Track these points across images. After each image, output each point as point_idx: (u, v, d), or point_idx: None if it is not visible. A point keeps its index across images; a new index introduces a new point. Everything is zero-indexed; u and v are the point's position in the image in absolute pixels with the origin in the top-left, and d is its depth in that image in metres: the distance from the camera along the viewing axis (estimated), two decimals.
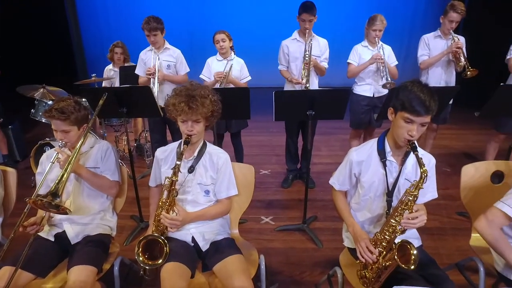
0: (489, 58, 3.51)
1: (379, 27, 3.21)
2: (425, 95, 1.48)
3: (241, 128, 3.45)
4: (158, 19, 3.14)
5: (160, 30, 3.16)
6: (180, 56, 3.33)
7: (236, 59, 3.27)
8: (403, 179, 1.67)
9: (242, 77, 3.25)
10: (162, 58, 3.27)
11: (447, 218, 3.12)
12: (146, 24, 3.11)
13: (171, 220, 1.67)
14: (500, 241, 1.60)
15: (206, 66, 3.28)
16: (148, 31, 3.13)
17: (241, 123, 3.39)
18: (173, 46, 3.35)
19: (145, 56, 3.30)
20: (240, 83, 3.20)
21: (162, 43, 3.25)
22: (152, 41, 3.19)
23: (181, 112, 1.69)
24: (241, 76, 3.25)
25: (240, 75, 3.25)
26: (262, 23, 7.11)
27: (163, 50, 3.27)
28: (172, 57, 3.30)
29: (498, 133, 3.48)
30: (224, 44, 3.13)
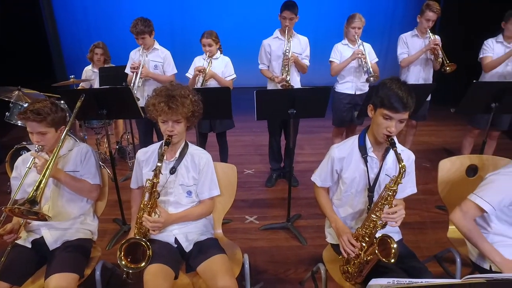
0: (465, 57, 3.62)
1: (358, 25, 3.26)
2: (403, 92, 1.52)
3: (226, 129, 3.44)
4: (146, 22, 3.10)
5: (148, 33, 3.13)
6: (168, 57, 3.30)
7: (222, 57, 3.26)
8: (383, 175, 1.70)
9: (226, 75, 3.24)
10: (150, 58, 3.24)
11: (427, 212, 3.20)
12: (133, 27, 3.09)
13: (153, 223, 1.65)
14: (473, 232, 1.65)
15: (192, 64, 3.27)
16: (136, 34, 3.11)
17: (226, 123, 3.38)
18: (163, 47, 3.32)
19: (135, 55, 3.28)
20: (222, 78, 3.19)
21: (151, 43, 3.22)
22: (140, 44, 3.18)
23: (161, 112, 1.68)
24: (225, 73, 3.24)
25: (225, 73, 3.24)
26: (245, 24, 7.10)
27: (151, 50, 3.24)
28: (160, 58, 3.27)
29: (473, 129, 3.60)
30: (211, 49, 3.13)
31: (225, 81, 3.20)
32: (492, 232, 1.72)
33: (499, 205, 1.61)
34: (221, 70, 3.20)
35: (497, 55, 3.27)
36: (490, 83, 3.11)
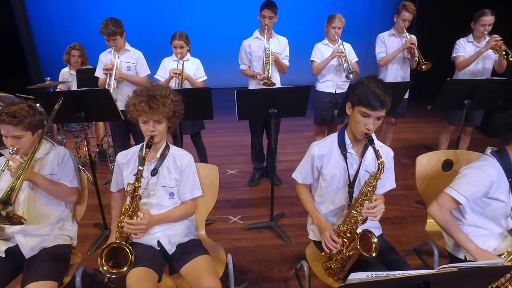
0: (442, 55, 3.72)
1: (338, 25, 3.31)
2: (380, 90, 1.55)
3: (197, 130, 3.42)
4: (117, 22, 3.02)
5: (120, 34, 3.05)
6: (140, 58, 3.25)
7: (192, 59, 3.25)
8: (363, 171, 1.73)
9: (198, 77, 3.23)
10: (122, 59, 3.17)
11: (407, 207, 3.27)
12: (104, 28, 2.99)
13: (135, 226, 1.63)
14: (449, 223, 1.71)
15: (162, 66, 3.23)
16: (107, 35, 3.01)
17: (197, 124, 3.36)
18: (134, 48, 3.26)
19: (105, 57, 3.19)
20: (196, 81, 3.18)
21: (122, 45, 3.15)
22: (111, 45, 3.09)
23: (141, 112, 1.66)
24: (197, 75, 3.23)
25: (196, 74, 3.23)
26: (224, 24, 7.10)
27: (123, 51, 3.17)
28: (133, 59, 3.21)
29: (449, 125, 3.71)
30: (182, 50, 3.10)
31: (197, 82, 3.19)
32: (467, 223, 1.78)
33: (472, 197, 1.67)
34: (192, 72, 3.19)
35: (468, 54, 3.39)
36: (462, 81, 3.22)
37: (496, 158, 1.68)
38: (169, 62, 3.22)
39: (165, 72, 3.19)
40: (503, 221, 1.74)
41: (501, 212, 1.71)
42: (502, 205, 1.68)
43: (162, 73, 3.21)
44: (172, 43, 3.13)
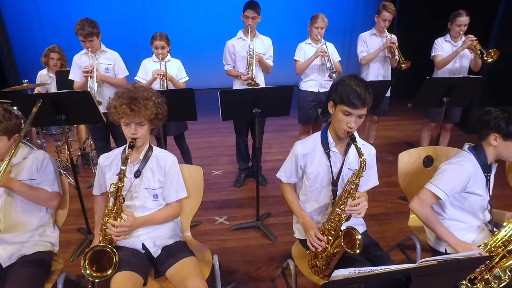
0: (422, 54, 3.81)
1: (321, 25, 3.35)
2: (361, 88, 1.57)
3: (180, 131, 3.39)
4: (93, 23, 2.94)
5: (96, 35, 2.97)
6: (118, 59, 3.18)
7: (173, 60, 3.22)
8: (346, 169, 1.75)
9: (180, 77, 3.21)
10: (99, 61, 3.10)
11: (391, 203, 3.33)
12: (80, 29, 2.89)
13: (118, 228, 1.61)
14: (430, 218, 1.76)
15: (142, 68, 3.18)
16: (84, 37, 2.92)
17: (181, 126, 3.34)
18: (110, 49, 3.20)
19: (80, 60, 3.09)
20: (179, 82, 3.16)
21: (98, 46, 3.08)
22: (87, 47, 2.99)
23: (123, 114, 1.64)
24: (179, 76, 3.21)
25: (178, 75, 3.20)
26: (208, 24, 7.06)
27: (99, 53, 3.09)
28: (110, 60, 3.14)
29: (429, 122, 3.81)
30: (163, 51, 3.07)
31: (180, 83, 3.17)
32: (447, 217, 1.83)
33: (451, 192, 1.72)
34: (174, 73, 3.17)
35: (446, 53, 3.49)
36: (441, 79, 3.31)
37: (472, 153, 1.74)
38: (150, 63, 3.18)
39: (146, 73, 3.15)
40: (480, 214, 1.80)
41: (479, 205, 1.76)
42: (479, 199, 1.74)
43: (143, 74, 3.17)
44: (152, 44, 3.10)
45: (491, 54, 3.23)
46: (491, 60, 3.24)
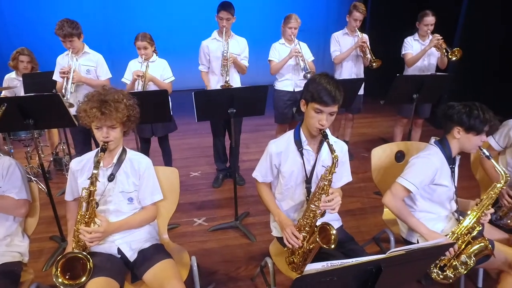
0: (394, 52, 3.93)
1: (294, 25, 3.39)
2: (331, 86, 1.60)
3: (168, 132, 3.36)
4: (74, 24, 2.87)
5: (77, 36, 2.90)
6: (101, 61, 3.12)
7: (159, 60, 3.18)
8: (319, 166, 1.78)
9: (165, 78, 3.17)
10: (81, 62, 3.03)
11: (367, 198, 3.41)
12: (59, 30, 2.83)
13: (91, 234, 1.57)
14: (402, 210, 1.82)
15: (128, 69, 3.15)
16: (63, 37, 2.86)
17: (168, 126, 3.31)
18: (94, 51, 3.13)
19: (63, 60, 3.02)
20: (161, 82, 3.12)
21: (80, 47, 3.01)
22: (68, 47, 2.94)
23: (93, 118, 1.61)
24: (164, 76, 3.17)
25: (163, 76, 3.16)
26: (183, 25, 6.98)
27: (81, 54, 3.02)
28: (92, 62, 3.07)
29: (402, 118, 3.93)
30: (146, 52, 3.03)
31: (164, 84, 3.13)
32: (418, 209, 1.90)
33: (421, 184, 1.79)
34: (159, 73, 3.13)
35: (415, 52, 3.63)
36: (410, 76, 3.43)
37: (438, 147, 1.82)
38: (134, 64, 3.13)
39: (130, 74, 3.10)
40: (447, 205, 1.89)
41: (446, 196, 1.85)
42: (446, 190, 1.82)
43: (128, 75, 3.12)
44: (135, 44, 3.05)
45: (455, 53, 3.38)
46: (455, 58, 3.39)
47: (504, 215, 2.05)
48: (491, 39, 4.78)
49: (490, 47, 4.80)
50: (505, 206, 2.03)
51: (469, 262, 1.67)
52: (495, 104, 2.31)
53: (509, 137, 2.09)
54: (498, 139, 2.15)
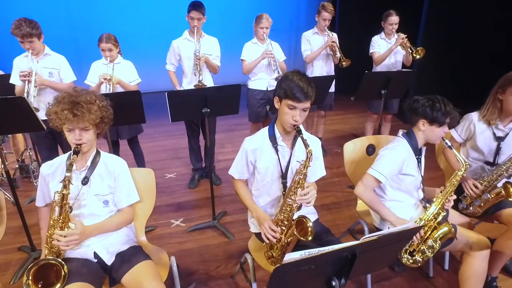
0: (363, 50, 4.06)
1: (265, 25, 3.44)
2: (303, 83, 1.65)
3: (135, 134, 3.31)
4: (33, 23, 2.73)
5: (37, 36, 2.76)
6: (64, 63, 3.00)
7: (124, 61, 3.12)
8: (294, 161, 1.82)
9: (131, 80, 3.12)
10: (42, 64, 2.89)
11: (341, 192, 3.51)
12: (16, 29, 2.68)
13: (67, 237, 1.53)
14: (374, 200, 1.91)
15: (91, 71, 3.06)
16: (21, 37, 2.71)
17: (134, 128, 3.25)
18: (55, 52, 3.02)
19: (21, 62, 2.86)
20: (129, 85, 3.07)
21: (41, 48, 2.87)
22: (27, 48, 2.79)
23: (65, 120, 1.57)
24: (130, 78, 3.11)
25: (130, 78, 3.11)
26: (153, 25, 6.85)
27: (42, 56, 2.89)
28: (55, 64, 2.94)
29: (372, 114, 4.08)
30: (111, 53, 2.96)
31: (131, 86, 3.08)
32: (388, 198, 2.00)
33: (390, 174, 1.88)
34: (125, 76, 3.06)
35: (382, 50, 3.78)
36: (377, 73, 3.57)
37: (405, 139, 1.92)
38: (99, 66, 3.04)
39: (95, 76, 3.02)
40: (415, 193, 1.99)
41: (413, 185, 1.95)
42: (413, 179, 1.92)
43: (92, 78, 3.04)
44: (99, 46, 2.97)
45: (419, 52, 3.55)
46: (419, 56, 3.56)
47: (469, 204, 2.17)
48: (452, 37, 5.04)
49: (451, 44, 5.06)
50: (470, 196, 2.14)
51: (435, 245, 1.78)
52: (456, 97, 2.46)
53: (470, 130, 2.22)
54: (460, 132, 2.27)
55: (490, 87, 2.18)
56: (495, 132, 2.15)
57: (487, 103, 2.14)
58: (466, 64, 4.94)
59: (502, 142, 2.14)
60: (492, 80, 2.22)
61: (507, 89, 2.02)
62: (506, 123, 2.13)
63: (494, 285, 2.12)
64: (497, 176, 2.08)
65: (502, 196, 2.02)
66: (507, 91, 2.02)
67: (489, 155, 2.20)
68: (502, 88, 2.05)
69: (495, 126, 2.14)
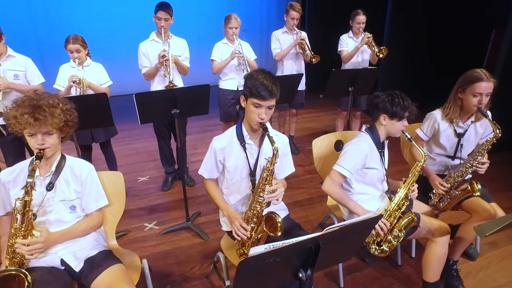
0: (332, 48, 4.15)
1: (234, 25, 3.46)
2: (268, 81, 1.67)
3: (110, 137, 3.25)
4: None
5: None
6: (30, 64, 2.88)
7: (93, 64, 3.04)
8: (263, 159, 1.85)
9: (102, 82, 3.05)
10: (6, 67, 2.77)
11: (313, 188, 3.58)
12: None
13: (30, 246, 1.49)
14: (341, 195, 1.97)
15: (60, 75, 2.95)
16: None
17: (109, 131, 3.19)
18: (20, 54, 2.90)
19: None
20: (100, 88, 2.99)
21: (3, 50, 2.75)
22: None
23: (26, 125, 1.52)
24: (101, 81, 3.04)
25: (100, 80, 3.04)
26: (121, 26, 6.68)
27: (5, 58, 2.77)
28: (20, 66, 2.83)
29: (341, 111, 4.18)
30: (80, 55, 2.87)
31: (102, 89, 3.00)
32: (355, 192, 2.07)
33: (354, 169, 1.95)
34: (95, 78, 2.99)
35: (350, 48, 3.88)
36: (344, 71, 3.68)
37: (368, 133, 2.00)
38: (67, 69, 2.94)
39: (64, 80, 2.91)
40: (380, 185, 2.08)
41: (377, 177, 2.03)
42: (376, 172, 2.00)
43: (61, 81, 2.93)
44: (66, 48, 2.86)
45: (382, 51, 3.67)
46: (382, 56, 3.69)
47: (439, 201, 2.27)
48: (415, 37, 5.26)
49: (414, 44, 5.28)
50: (438, 193, 2.24)
51: (400, 234, 1.86)
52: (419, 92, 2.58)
53: (434, 128, 2.31)
54: (426, 131, 2.34)
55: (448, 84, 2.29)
56: (455, 129, 2.25)
57: (449, 102, 2.23)
58: (427, 62, 5.17)
59: (462, 138, 2.25)
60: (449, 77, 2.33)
61: (467, 88, 2.10)
62: (465, 120, 2.24)
63: (455, 268, 2.24)
64: (462, 173, 2.18)
65: (468, 192, 2.12)
66: (466, 90, 2.11)
67: (451, 150, 2.31)
68: (462, 88, 2.14)
69: (456, 124, 2.25)
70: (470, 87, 2.08)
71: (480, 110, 2.09)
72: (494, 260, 2.57)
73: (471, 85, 2.08)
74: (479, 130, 2.26)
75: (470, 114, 2.21)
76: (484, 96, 2.06)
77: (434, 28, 5.14)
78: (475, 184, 2.10)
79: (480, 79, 2.05)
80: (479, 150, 2.12)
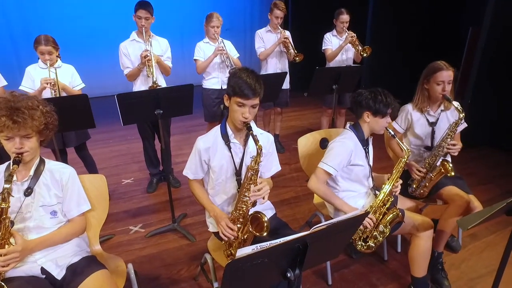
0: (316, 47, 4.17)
1: (216, 24, 3.43)
2: (251, 80, 1.66)
3: (82, 141, 3.16)
4: None
5: None
6: None
7: (65, 65, 2.94)
8: (248, 158, 1.83)
9: (74, 85, 2.95)
10: None
11: (300, 187, 3.59)
12: None
13: (7, 256, 1.43)
14: (326, 192, 1.98)
15: (27, 76, 2.83)
16: None
17: (81, 135, 3.10)
18: None
19: None
20: (74, 91, 2.90)
21: None
22: None
23: (3, 128, 1.46)
24: (73, 83, 2.95)
25: (72, 83, 2.95)
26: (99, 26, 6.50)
27: None
28: None
29: (326, 109, 4.21)
30: (51, 57, 2.76)
31: (75, 91, 2.90)
32: (341, 189, 2.08)
33: (339, 166, 1.95)
34: (68, 80, 2.89)
35: (334, 47, 3.91)
36: (328, 69, 3.70)
37: (352, 131, 2.01)
38: (36, 70, 2.83)
39: (32, 82, 2.81)
40: (365, 182, 2.09)
41: (362, 174, 2.04)
42: (362, 169, 2.02)
43: (28, 83, 2.82)
44: (37, 49, 2.74)
45: (366, 50, 3.71)
46: (366, 55, 3.73)
47: (417, 187, 2.36)
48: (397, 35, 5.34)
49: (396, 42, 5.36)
50: (416, 179, 2.33)
51: (385, 230, 1.88)
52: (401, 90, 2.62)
53: (408, 119, 2.42)
54: (401, 123, 2.46)
55: None
56: (428, 119, 2.38)
57: (417, 93, 2.38)
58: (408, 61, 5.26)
59: (435, 127, 2.37)
60: None
61: (430, 78, 2.27)
62: (435, 109, 2.38)
63: (440, 261, 2.28)
64: (435, 157, 2.30)
65: (442, 173, 2.23)
66: (430, 80, 2.27)
67: (427, 140, 2.41)
68: (426, 79, 2.30)
69: (427, 113, 2.38)
70: (433, 76, 2.24)
71: (445, 97, 2.24)
72: (475, 251, 2.64)
73: (433, 75, 2.24)
74: (450, 118, 2.37)
75: (438, 102, 2.35)
76: (446, 83, 2.22)
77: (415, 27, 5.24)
78: (447, 164, 2.21)
79: (441, 69, 2.22)
80: (448, 133, 2.25)
